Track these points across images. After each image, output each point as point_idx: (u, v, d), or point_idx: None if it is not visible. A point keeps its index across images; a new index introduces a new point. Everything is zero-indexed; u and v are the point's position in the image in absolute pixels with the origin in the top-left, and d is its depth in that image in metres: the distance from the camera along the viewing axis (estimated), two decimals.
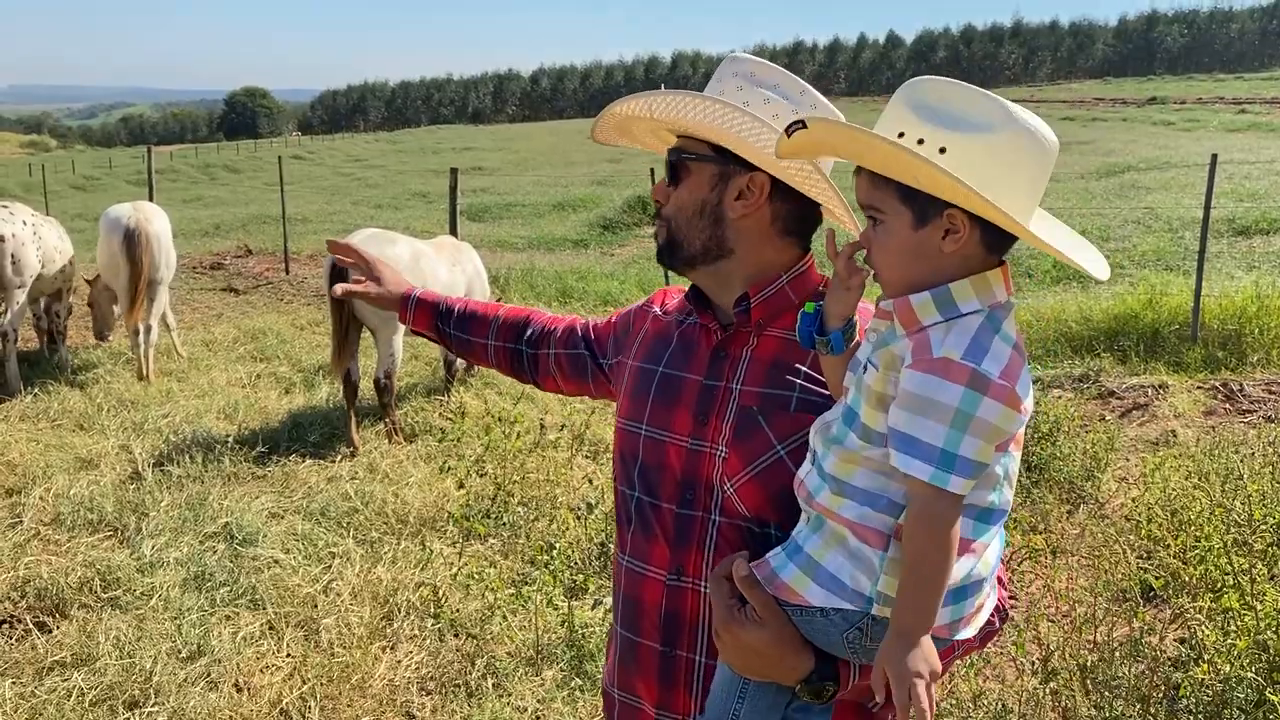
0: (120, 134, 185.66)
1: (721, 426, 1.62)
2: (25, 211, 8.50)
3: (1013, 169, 1.30)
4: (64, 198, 35.84)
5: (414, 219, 22.26)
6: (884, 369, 1.35)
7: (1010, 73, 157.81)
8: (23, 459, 6.25)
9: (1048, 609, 4.18)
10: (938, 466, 1.25)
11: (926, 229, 1.34)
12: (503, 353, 2.11)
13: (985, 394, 1.25)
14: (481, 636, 4.28)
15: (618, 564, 1.79)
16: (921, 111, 1.31)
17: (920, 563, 1.28)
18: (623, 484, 1.78)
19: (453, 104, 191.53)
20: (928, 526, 1.27)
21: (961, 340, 1.28)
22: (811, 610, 1.40)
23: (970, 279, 1.33)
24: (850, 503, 1.37)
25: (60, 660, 3.99)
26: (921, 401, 1.27)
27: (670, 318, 1.84)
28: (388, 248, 7.04)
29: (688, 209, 1.67)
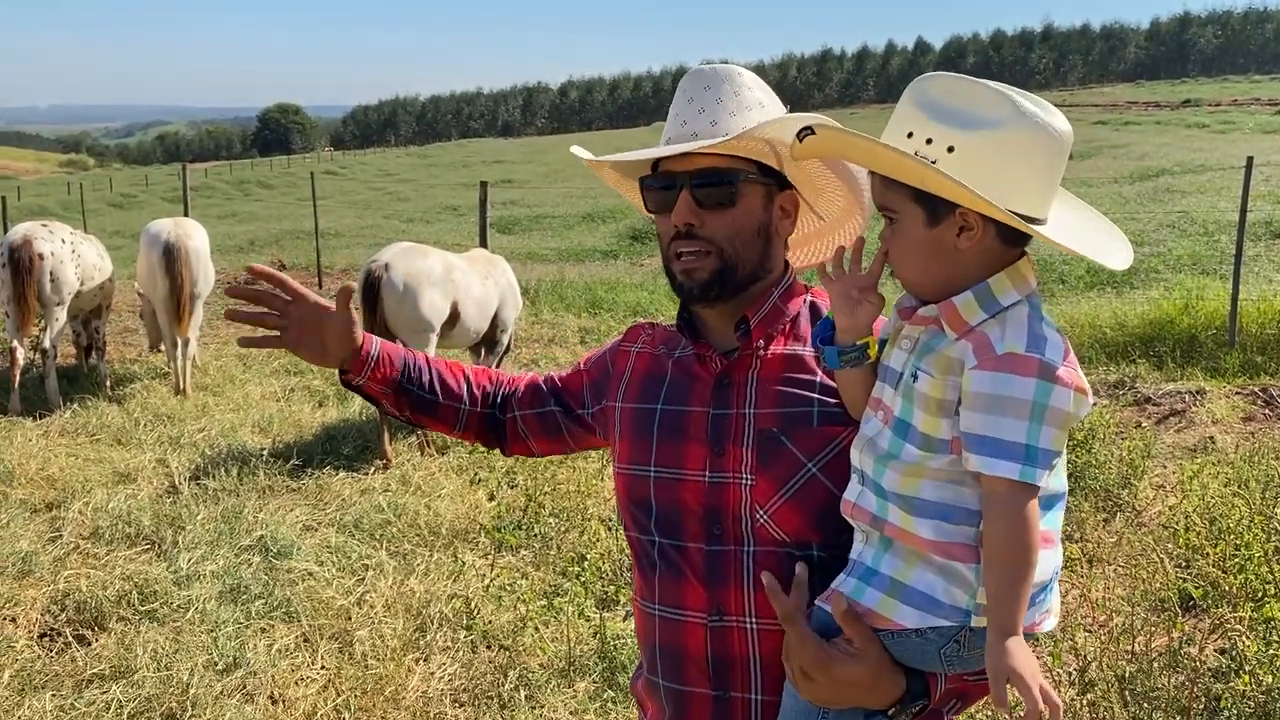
0: (156, 152, 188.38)
1: (743, 454, 1.56)
2: (64, 230, 8.68)
3: (1023, 163, 1.29)
4: (102, 215, 36.40)
5: (445, 232, 22.41)
6: (940, 374, 1.33)
7: (1041, 77, 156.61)
8: (62, 473, 6.34)
9: (1084, 619, 4.13)
10: (1024, 463, 1.25)
11: (940, 227, 1.33)
12: (473, 419, 1.88)
13: (1056, 383, 1.26)
14: (514, 648, 4.29)
15: (645, 615, 1.68)
16: (930, 109, 1.31)
17: (1014, 559, 1.27)
18: (637, 531, 1.69)
19: (483, 117, 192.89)
20: (1018, 522, 1.26)
21: (1019, 333, 1.28)
22: (906, 633, 1.37)
23: (1005, 272, 1.34)
24: (925, 520, 1.34)
25: (99, 673, 4.04)
26: (997, 400, 1.26)
27: (657, 352, 1.75)
28: (420, 261, 7.10)
29: (746, 231, 1.59)
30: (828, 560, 1.52)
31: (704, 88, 1.59)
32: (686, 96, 1.60)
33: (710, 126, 1.56)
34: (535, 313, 12.01)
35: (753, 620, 1.55)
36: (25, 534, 5.39)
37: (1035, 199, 1.31)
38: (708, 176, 1.56)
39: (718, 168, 1.56)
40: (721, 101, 1.58)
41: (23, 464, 6.41)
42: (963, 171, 1.27)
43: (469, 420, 1.88)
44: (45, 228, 8.54)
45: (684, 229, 1.57)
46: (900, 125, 1.34)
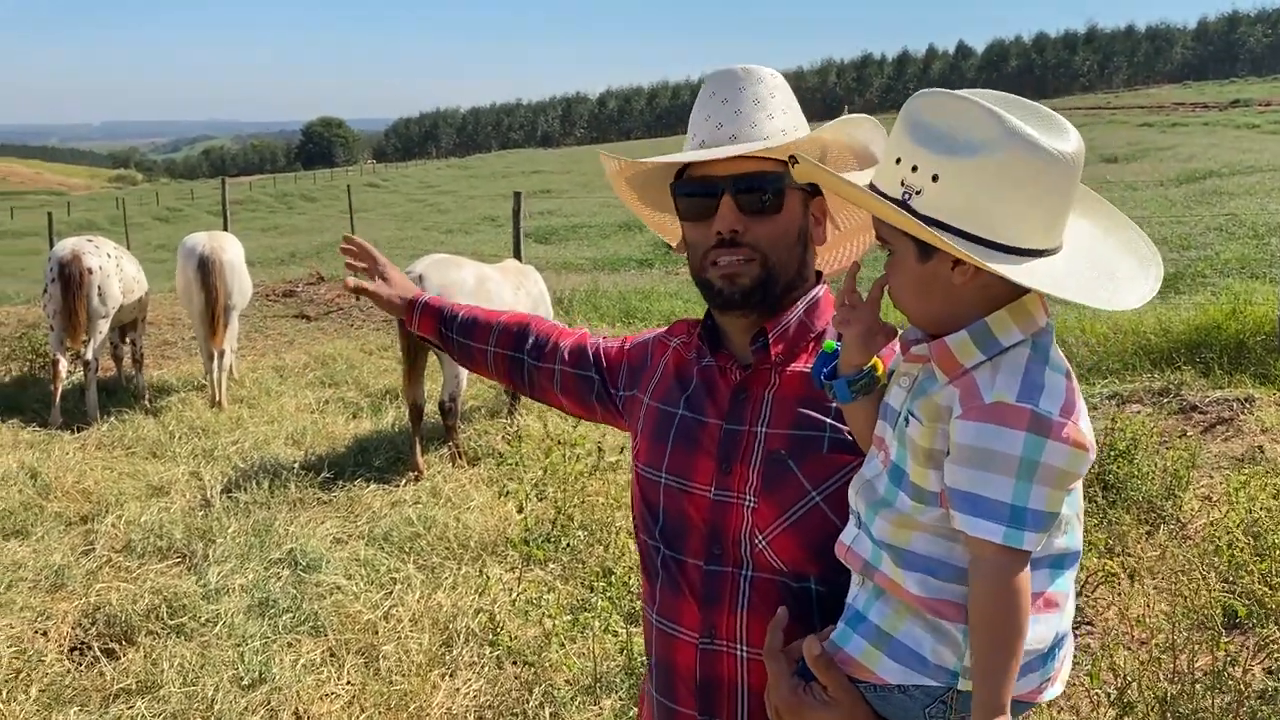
0: (202, 166, 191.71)
1: (748, 474, 1.50)
2: (109, 245, 8.93)
3: (1018, 191, 1.17)
4: (147, 229, 36.99)
5: (483, 243, 22.51)
6: (928, 422, 1.24)
7: (1085, 80, 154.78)
8: (98, 486, 6.40)
9: (1124, 636, 4.00)
10: (1009, 525, 1.15)
11: (933, 261, 1.24)
12: (501, 360, 1.96)
13: (1049, 437, 1.15)
14: (539, 664, 4.24)
15: (648, 622, 1.65)
16: (916, 133, 1.21)
17: (998, 629, 1.17)
18: (645, 535, 1.65)
19: (522, 128, 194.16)
20: (1002, 590, 1.16)
21: (1012, 380, 1.17)
22: (887, 688, 1.28)
23: (1007, 309, 1.22)
24: (915, 575, 1.25)
25: (126, 688, 4.04)
26: (981, 455, 1.16)
27: (690, 354, 1.69)
28: (453, 272, 7.11)
29: (789, 237, 1.53)
30: (825, 595, 1.45)
31: (737, 88, 1.53)
32: (720, 97, 1.53)
33: (750, 128, 1.49)
34: (569, 322, 11.94)
35: (743, 648, 1.49)
36: (59, 547, 5.44)
37: (1038, 228, 1.19)
38: (753, 181, 1.49)
39: (763, 172, 1.49)
40: (759, 102, 1.52)
41: (60, 477, 6.47)
42: (950, 202, 1.17)
43: (495, 361, 1.97)
44: (91, 242, 8.75)
45: (729, 236, 1.50)
46: (891, 150, 1.25)
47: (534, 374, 1.93)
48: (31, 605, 4.73)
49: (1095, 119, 57.28)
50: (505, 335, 1.96)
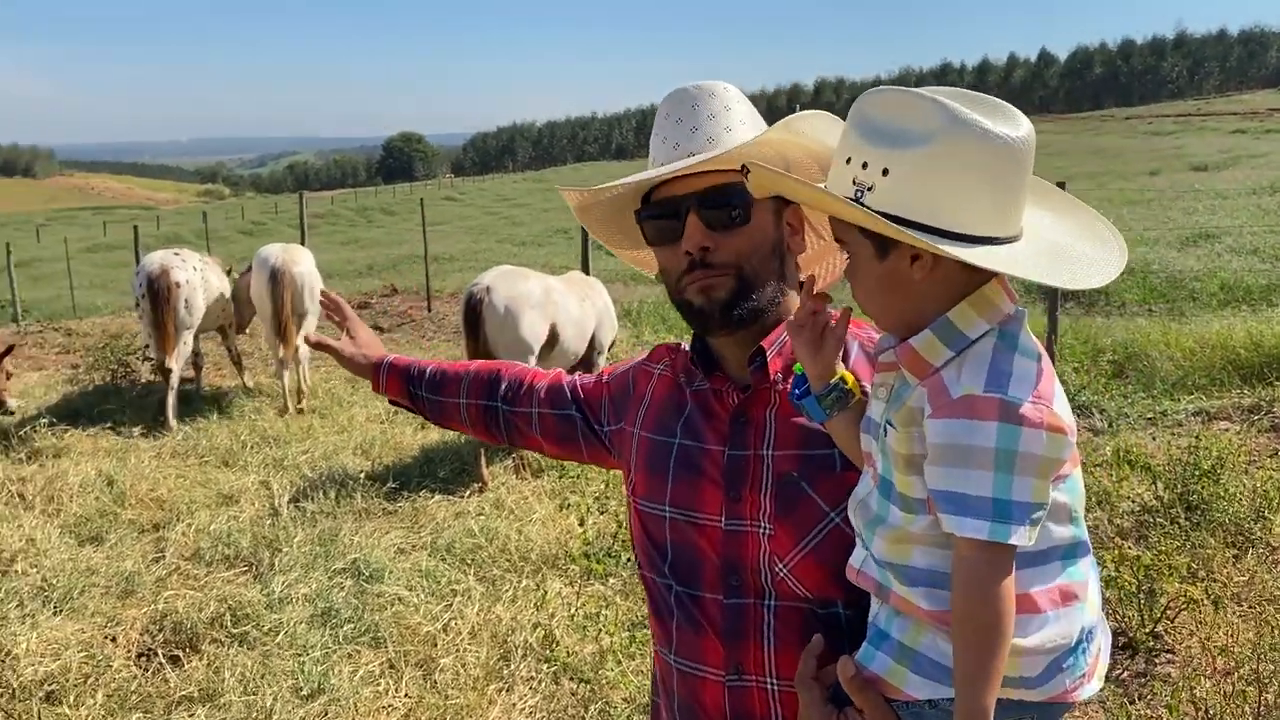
0: (287, 181, 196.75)
1: (760, 500, 1.43)
2: (194, 258, 9.27)
3: (968, 178, 1.14)
4: (232, 242, 37.94)
5: (554, 255, 22.61)
6: (903, 427, 1.20)
7: (1174, 86, 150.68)
8: (170, 494, 6.53)
9: (1206, 667, 3.80)
10: (994, 520, 1.10)
11: (891, 259, 1.21)
12: (475, 411, 1.86)
13: (1022, 425, 1.11)
14: (596, 681, 4.18)
15: (663, 662, 1.56)
16: (863, 130, 1.18)
17: (979, 630, 1.12)
18: (653, 573, 1.57)
19: (597, 141, 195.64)
20: (984, 587, 1.12)
21: (978, 371, 1.14)
22: (918, 704, 1.24)
23: (968, 300, 1.19)
24: (922, 590, 1.21)
25: (188, 695, 4.08)
26: (955, 451, 1.12)
27: (679, 379, 1.62)
28: (520, 284, 7.12)
29: (763, 249, 1.47)
30: (854, 619, 1.38)
31: (691, 106, 1.48)
32: (674, 118, 1.48)
33: (707, 144, 1.43)
34: (637, 334, 11.95)
35: (774, 681, 1.42)
36: (131, 554, 5.55)
37: (993, 215, 1.16)
38: (716, 195, 1.44)
39: (727, 184, 1.43)
40: (714, 117, 1.46)
41: (134, 485, 6.62)
42: (901, 195, 1.14)
43: (469, 413, 1.89)
44: (178, 256, 9.06)
45: (699, 255, 1.44)
46: (841, 151, 1.22)
47: (510, 420, 1.85)
48: (102, 611, 4.83)
49: (1185, 126, 55.71)
50: (476, 385, 1.88)
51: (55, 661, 4.27)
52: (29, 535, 5.69)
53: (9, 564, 5.38)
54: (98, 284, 26.05)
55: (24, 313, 17.63)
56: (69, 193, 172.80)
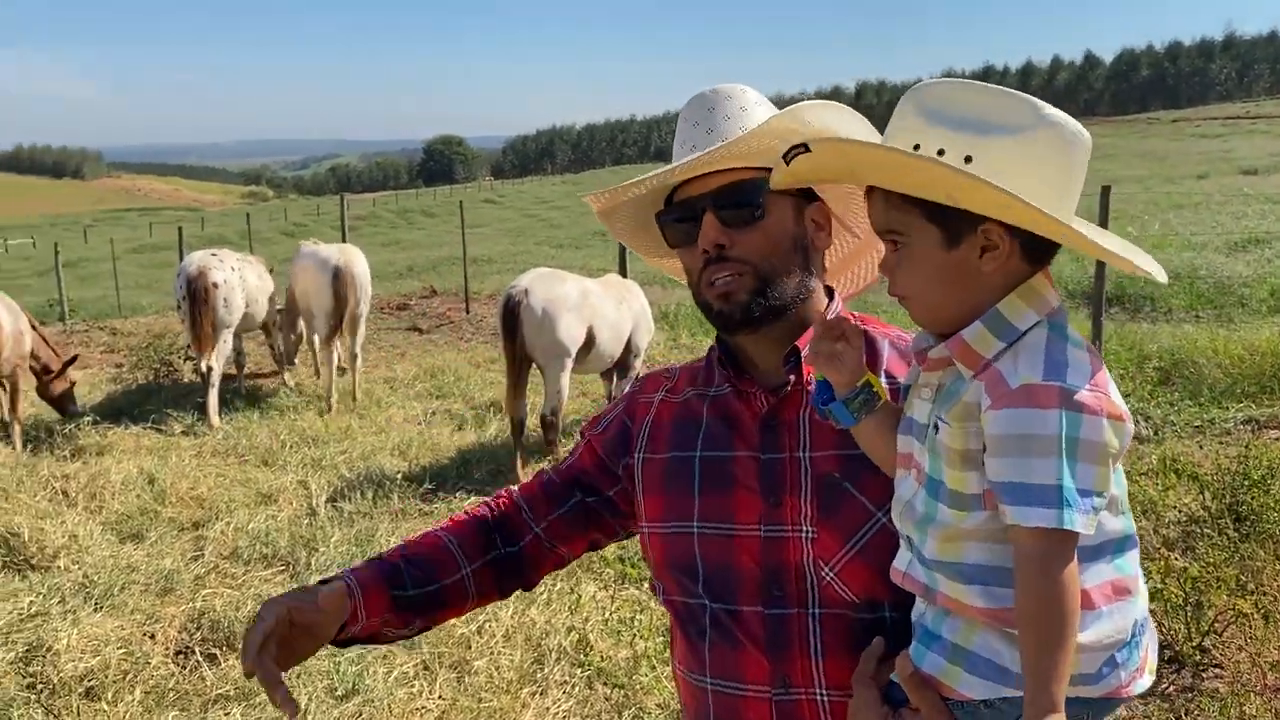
0: (329, 183, 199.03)
1: (800, 504, 1.39)
2: (232, 258, 9.44)
3: (1049, 171, 1.15)
4: (274, 243, 38.36)
5: (592, 257, 22.65)
6: (959, 422, 1.17)
7: (1222, 89, 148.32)
8: (210, 493, 6.59)
9: (1255, 683, 3.70)
10: (1060, 508, 1.07)
11: (960, 248, 1.18)
12: (484, 576, 1.60)
13: (1083, 412, 1.09)
14: (630, 686, 4.15)
15: (695, 689, 1.48)
16: (936, 118, 1.16)
17: (1050, 622, 1.09)
18: (682, 595, 1.49)
19: (635, 144, 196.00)
20: (1052, 578, 1.09)
21: (1035, 361, 1.12)
22: (973, 705, 1.21)
23: (1016, 292, 1.18)
24: (976, 588, 1.18)
25: (224, 694, 4.11)
26: (1017, 441, 1.10)
27: (685, 396, 1.57)
28: (557, 286, 7.12)
29: (781, 246, 1.43)
30: (899, 620, 1.34)
31: (707, 109, 1.47)
32: (691, 121, 1.48)
33: (721, 144, 1.40)
34: (674, 337, 11.93)
35: (823, 691, 1.37)
36: (171, 552, 5.60)
37: (1062, 210, 1.16)
38: (730, 193, 1.42)
39: (739, 181, 1.42)
40: (729, 118, 1.45)
41: (175, 484, 6.69)
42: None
43: (478, 582, 1.59)
44: (215, 256, 9.20)
45: (714, 252, 1.42)
46: (902, 137, 1.18)
47: (520, 561, 1.64)
48: (142, 608, 4.87)
49: (1233, 129, 54.80)
50: (470, 545, 1.60)
51: (95, 658, 4.31)
52: (71, 532, 5.76)
53: (52, 560, 5.45)
54: (143, 284, 26.45)
55: (70, 312, 17.94)
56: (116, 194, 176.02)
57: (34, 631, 4.55)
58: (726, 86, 1.49)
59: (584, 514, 1.63)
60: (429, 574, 1.55)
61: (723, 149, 1.38)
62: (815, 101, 1.43)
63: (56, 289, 18.70)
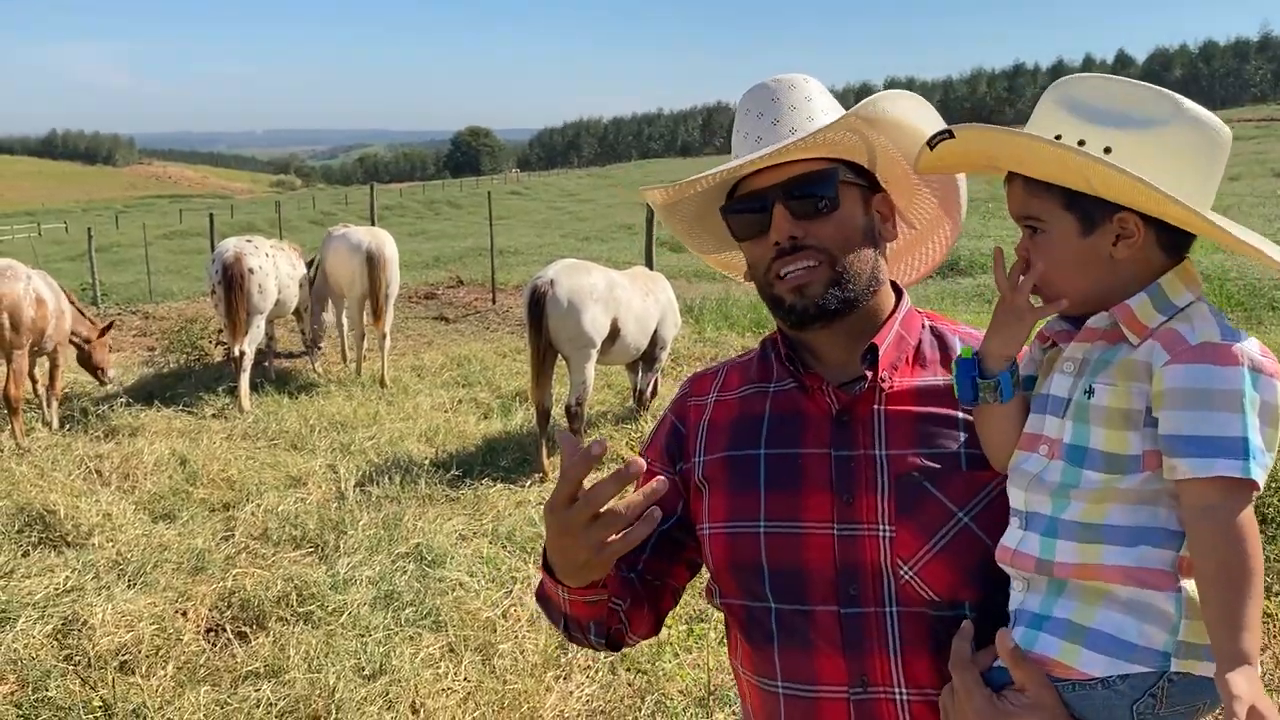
0: (357, 173, 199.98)
1: (878, 502, 1.35)
2: (266, 244, 9.59)
3: (1188, 164, 1.18)
4: (302, 232, 38.62)
5: (617, 250, 22.68)
6: (1123, 381, 1.19)
7: (1257, 89, 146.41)
8: (240, 475, 6.68)
9: (1276, 683, 3.70)
10: (1245, 459, 1.09)
11: (1095, 235, 1.22)
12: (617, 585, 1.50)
13: (1262, 372, 1.12)
14: (653, 673, 4.20)
15: (763, 692, 1.44)
16: (1078, 110, 1.20)
17: (1240, 573, 1.08)
18: (744, 599, 1.44)
19: (662, 138, 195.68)
20: (1238, 530, 1.09)
21: (1210, 325, 1.16)
22: (1092, 683, 1.18)
23: (1175, 272, 1.22)
24: (1114, 547, 1.17)
25: (254, 670, 4.18)
26: (1201, 395, 1.12)
27: (742, 393, 1.52)
28: (582, 277, 7.15)
29: (855, 236, 1.41)
30: (977, 621, 1.32)
31: (771, 99, 1.44)
32: (754, 113, 1.45)
33: (790, 135, 1.39)
34: (699, 331, 11.94)
35: (903, 690, 1.35)
36: (202, 532, 5.69)
37: (1198, 204, 1.17)
38: (802, 183, 1.40)
39: (812, 172, 1.40)
40: (795, 108, 1.43)
41: (207, 465, 6.79)
42: None
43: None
44: (250, 243, 9.32)
45: (788, 244, 1.39)
46: (1044, 128, 1.22)
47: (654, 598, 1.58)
48: (174, 586, 4.96)
49: (1267, 131, 54.10)
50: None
51: (129, 633, 4.40)
52: (106, 510, 5.87)
53: (86, 537, 5.55)
54: (173, 270, 26.72)
55: (103, 296, 18.16)
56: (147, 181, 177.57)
57: (70, 606, 4.65)
58: (789, 76, 1.47)
59: (668, 543, 1.56)
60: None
61: (806, 139, 1.35)
62: (890, 92, 1.40)
63: (89, 273, 18.93)
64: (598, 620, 1.47)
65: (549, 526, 1.28)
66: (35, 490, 6.15)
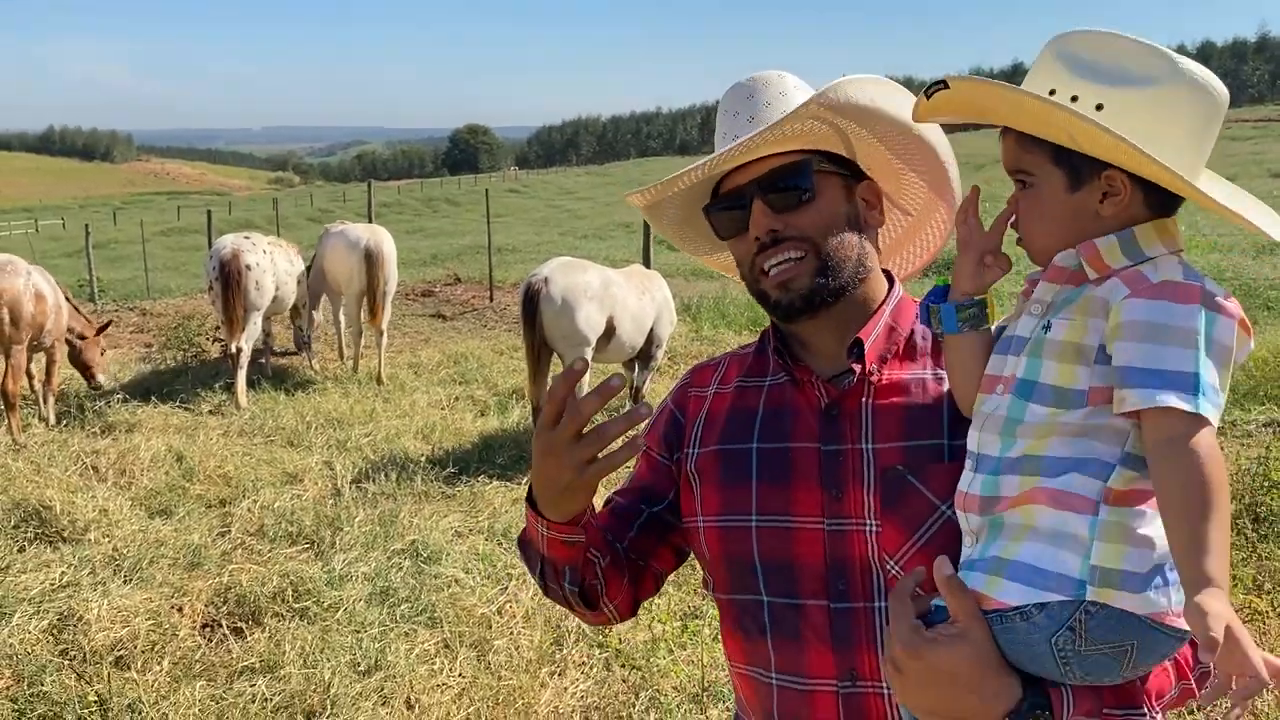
0: (355, 170, 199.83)
1: (863, 496, 1.36)
2: (264, 241, 9.61)
3: (1179, 124, 1.17)
4: (300, 229, 38.60)
5: (615, 249, 22.69)
6: (1081, 316, 1.19)
7: (1255, 90, 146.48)
8: (237, 472, 6.69)
9: None
10: (1193, 392, 1.09)
11: (1082, 191, 1.22)
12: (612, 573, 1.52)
13: (1220, 314, 1.13)
14: (647, 669, 4.21)
15: (758, 685, 1.46)
16: (1074, 65, 1.19)
17: (1208, 499, 1.06)
18: (737, 592, 1.46)
19: (660, 137, 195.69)
20: (1195, 460, 1.07)
21: (1174, 268, 1.17)
22: (1008, 614, 1.18)
23: (1152, 224, 1.21)
24: (1046, 477, 1.18)
25: (250, 666, 4.19)
26: (1155, 329, 1.12)
27: (740, 386, 1.54)
28: (578, 275, 7.17)
29: (837, 224, 1.42)
30: None
31: (747, 97, 1.45)
32: (731, 111, 1.46)
33: (762, 129, 1.39)
34: (695, 329, 11.97)
35: (885, 606, 1.35)
36: (198, 527, 5.70)
37: (1187, 163, 1.17)
38: (777, 177, 1.41)
39: (787, 165, 1.41)
40: (770, 104, 1.44)
41: (203, 461, 6.80)
42: (1115, 129, 1.14)
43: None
44: (248, 240, 9.34)
45: (767, 238, 1.41)
46: (1039, 82, 1.21)
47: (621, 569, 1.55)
48: (170, 581, 4.97)
49: (1264, 131, 54.15)
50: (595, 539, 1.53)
51: (124, 628, 4.42)
52: (102, 506, 5.87)
53: (82, 533, 5.56)
54: (171, 266, 26.70)
55: (100, 292, 18.15)
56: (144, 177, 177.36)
57: (65, 601, 4.66)
58: (764, 73, 1.48)
59: (657, 525, 1.57)
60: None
61: (766, 132, 1.36)
62: (856, 76, 1.40)
63: (87, 270, 18.92)
64: (573, 566, 1.45)
65: (535, 449, 1.31)
66: (31, 485, 6.16)
